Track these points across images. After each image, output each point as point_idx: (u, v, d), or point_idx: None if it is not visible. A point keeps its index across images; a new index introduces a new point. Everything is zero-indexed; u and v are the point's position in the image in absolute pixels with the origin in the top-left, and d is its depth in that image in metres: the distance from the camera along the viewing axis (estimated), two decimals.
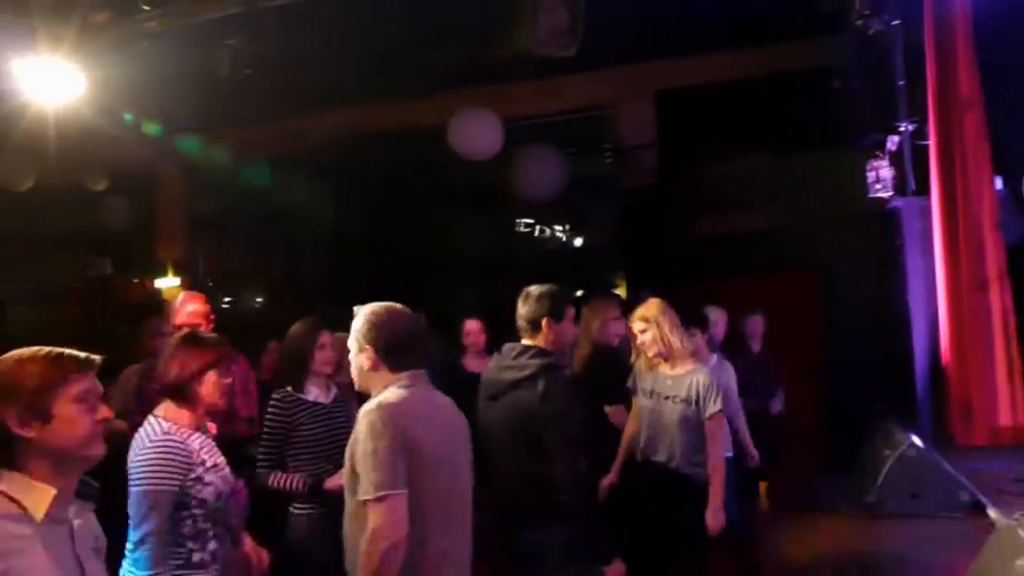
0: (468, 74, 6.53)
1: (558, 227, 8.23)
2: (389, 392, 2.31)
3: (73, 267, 9.57)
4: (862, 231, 5.78)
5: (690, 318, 4.19)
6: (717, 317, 4.91)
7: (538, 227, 8.15)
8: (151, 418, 2.56)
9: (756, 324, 5.48)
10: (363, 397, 2.44)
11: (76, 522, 1.66)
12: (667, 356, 3.72)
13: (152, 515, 2.39)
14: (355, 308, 2.45)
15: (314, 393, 3.38)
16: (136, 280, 9.20)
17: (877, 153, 5.22)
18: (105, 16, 4.61)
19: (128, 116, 6.57)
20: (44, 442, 1.58)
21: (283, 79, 5.52)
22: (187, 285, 8.34)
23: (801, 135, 6.11)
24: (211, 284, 8.77)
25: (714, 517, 3.50)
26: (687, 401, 3.64)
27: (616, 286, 7.44)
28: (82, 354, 1.69)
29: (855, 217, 5.72)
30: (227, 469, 2.64)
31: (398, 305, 2.45)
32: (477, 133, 6.07)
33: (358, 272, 7.26)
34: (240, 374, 4.04)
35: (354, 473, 2.23)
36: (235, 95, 5.28)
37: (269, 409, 3.34)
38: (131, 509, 2.41)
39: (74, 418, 1.61)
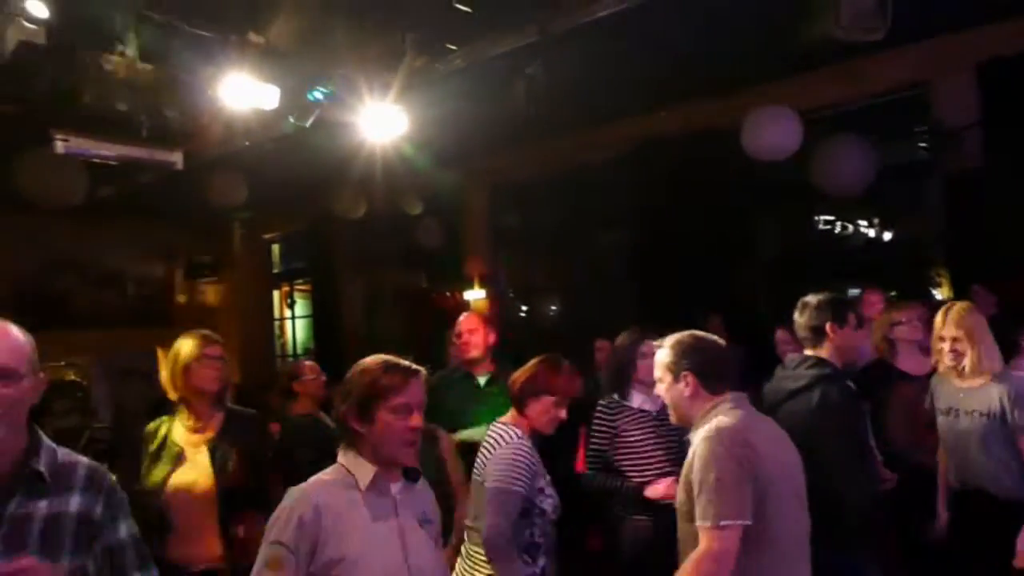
0: (763, 69, 6.27)
1: (862, 222, 7.59)
2: (723, 415, 2.26)
3: (397, 281, 10.80)
4: None
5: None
6: None
7: (839, 223, 7.60)
8: (501, 424, 2.81)
9: None
10: None
11: (398, 496, 2.05)
12: (970, 370, 3.26)
13: (500, 513, 2.60)
14: (654, 343, 2.49)
15: (639, 400, 3.50)
16: (448, 293, 10.11)
17: None
18: (422, 60, 5.15)
19: (436, 144, 7.19)
20: (368, 438, 2.02)
21: (578, 94, 5.73)
22: (492, 296, 9.02)
23: None
24: (512, 295, 9.39)
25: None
26: (990, 415, 3.17)
27: (936, 284, 6.69)
28: (412, 366, 2.10)
29: None
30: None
31: (700, 332, 2.45)
32: (772, 132, 5.79)
33: (655, 277, 7.30)
34: None
35: (689, 498, 2.19)
36: (531, 116, 5.57)
37: (595, 415, 3.54)
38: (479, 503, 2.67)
39: (390, 424, 2.01)
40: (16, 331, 1.80)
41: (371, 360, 2.09)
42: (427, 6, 4.87)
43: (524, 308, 9.65)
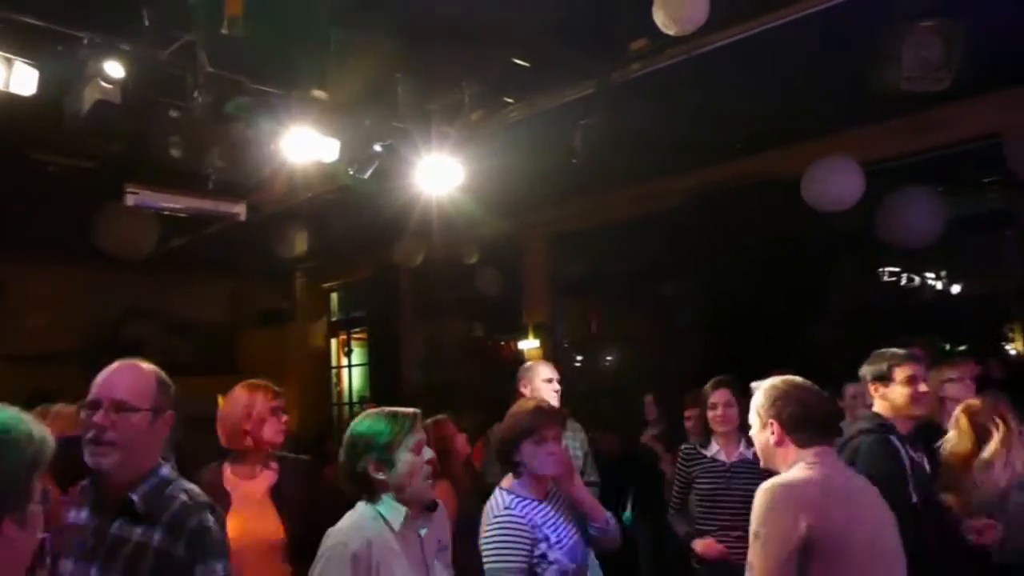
0: (829, 119, 6.17)
1: (930, 275, 7.34)
2: (795, 470, 2.17)
3: (454, 330, 10.83)
4: None
5: None
6: None
7: (906, 276, 7.35)
8: (497, 488, 2.67)
9: None
10: None
11: (423, 531, 2.13)
12: None
13: None
14: (753, 384, 2.39)
15: (714, 449, 3.59)
16: (503, 342, 10.08)
17: None
18: (480, 114, 5.22)
19: (495, 194, 7.23)
20: (392, 482, 2.10)
21: (636, 146, 5.72)
22: (546, 347, 8.94)
23: None
24: (567, 344, 9.30)
25: None
26: None
27: (1010, 340, 6.40)
28: (411, 410, 2.21)
29: None
30: (575, 540, 2.60)
31: (799, 378, 2.34)
32: (831, 183, 5.66)
33: (717, 330, 7.16)
34: None
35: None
36: (591, 166, 5.58)
37: (680, 459, 3.74)
38: None
39: (412, 463, 2.11)
40: (141, 369, 2.03)
41: (373, 413, 2.22)
42: (487, 61, 4.94)
43: (579, 359, 9.54)
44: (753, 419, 2.34)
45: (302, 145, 4.60)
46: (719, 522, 3.42)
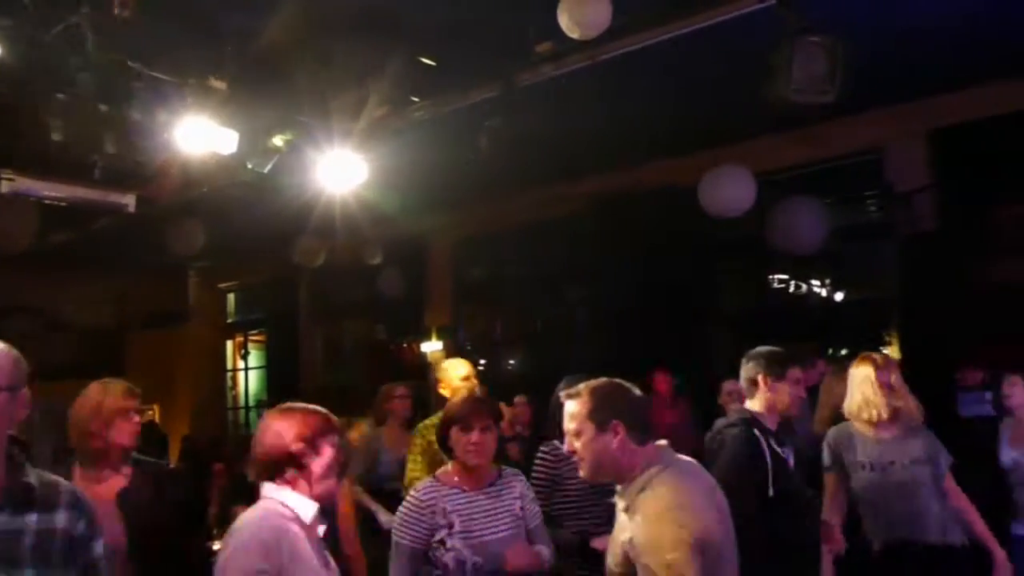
0: (724, 130, 6.42)
1: (815, 282, 7.73)
2: (664, 483, 2.07)
3: (356, 332, 10.67)
4: None
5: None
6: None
7: (793, 282, 7.73)
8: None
9: None
10: None
11: (321, 528, 2.13)
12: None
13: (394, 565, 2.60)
14: (561, 393, 2.39)
15: None
16: (405, 344, 10.00)
17: None
18: (384, 110, 5.16)
19: (399, 194, 7.16)
20: (308, 475, 2.07)
21: (540, 150, 5.78)
22: (449, 350, 8.91)
23: None
24: (469, 347, 9.30)
25: None
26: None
27: (887, 344, 6.79)
28: (323, 410, 2.19)
29: None
30: (497, 538, 2.62)
31: (616, 379, 2.28)
32: (725, 189, 5.91)
33: (617, 332, 7.30)
34: None
35: (626, 563, 2.08)
36: (495, 168, 5.61)
37: (536, 462, 3.45)
38: None
39: (332, 457, 2.10)
40: None
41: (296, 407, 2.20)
42: (392, 58, 4.89)
43: (482, 362, 9.56)
44: (582, 427, 2.15)
45: (198, 135, 4.42)
46: (587, 523, 3.24)
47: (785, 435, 3.11)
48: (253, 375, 12.07)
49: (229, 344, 12.26)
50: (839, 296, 7.67)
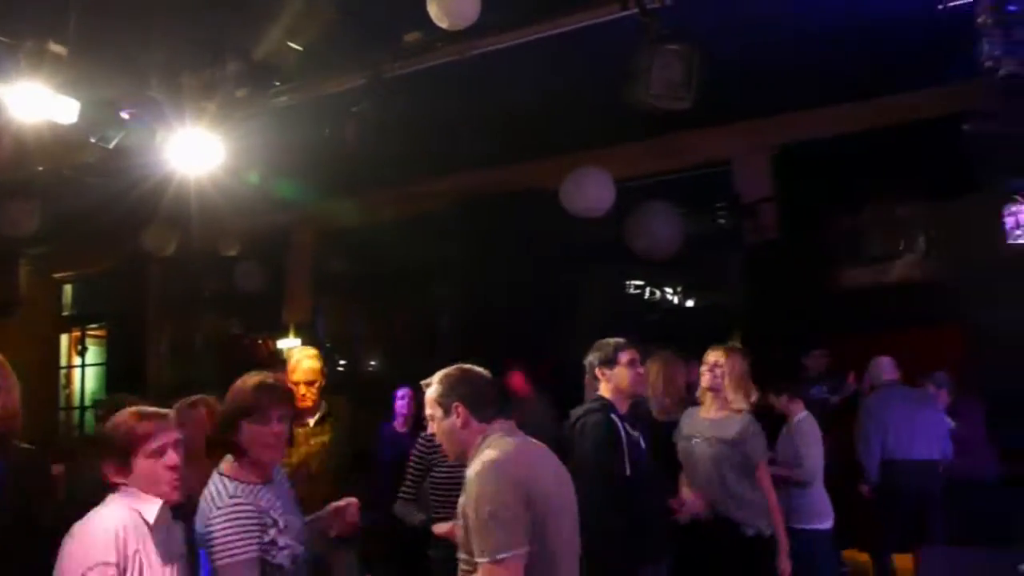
0: (584, 136, 6.59)
1: (668, 288, 8.09)
2: (493, 446, 2.25)
3: (212, 327, 10.16)
4: (1005, 280, 5.40)
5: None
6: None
7: (648, 288, 8.05)
8: (216, 474, 2.36)
9: None
10: None
11: (169, 533, 2.16)
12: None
13: None
14: (423, 382, 2.46)
15: None
16: (260, 340, 9.63)
17: (1016, 197, 4.96)
18: (243, 92, 4.95)
19: (259, 182, 6.87)
20: (134, 483, 2.12)
21: (406, 143, 5.74)
22: (307, 345, 8.63)
23: (935, 183, 5.85)
24: (328, 345, 9.07)
25: None
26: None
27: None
28: (162, 411, 2.25)
29: (997, 265, 5.37)
30: (300, 525, 2.45)
31: (465, 364, 2.47)
32: (585, 190, 6.08)
33: (478, 331, 7.33)
34: None
35: (467, 534, 2.17)
36: (360, 160, 5.51)
37: (415, 447, 3.69)
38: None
39: (151, 468, 2.12)
40: None
41: (125, 411, 2.21)
42: (256, 39, 4.72)
43: (342, 361, 9.35)
44: (434, 411, 2.39)
45: (32, 102, 4.07)
46: (454, 509, 3.47)
47: (635, 419, 3.43)
48: (91, 372, 11.25)
49: (64, 339, 11.37)
50: (689, 302, 8.08)
